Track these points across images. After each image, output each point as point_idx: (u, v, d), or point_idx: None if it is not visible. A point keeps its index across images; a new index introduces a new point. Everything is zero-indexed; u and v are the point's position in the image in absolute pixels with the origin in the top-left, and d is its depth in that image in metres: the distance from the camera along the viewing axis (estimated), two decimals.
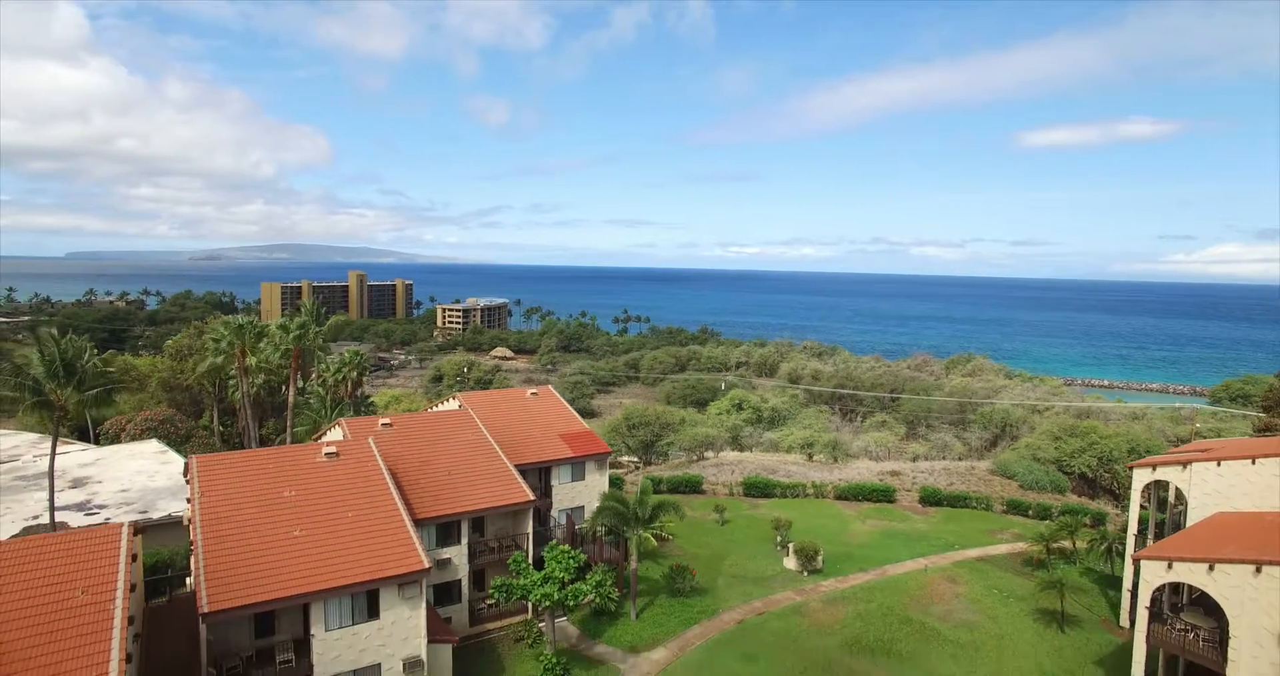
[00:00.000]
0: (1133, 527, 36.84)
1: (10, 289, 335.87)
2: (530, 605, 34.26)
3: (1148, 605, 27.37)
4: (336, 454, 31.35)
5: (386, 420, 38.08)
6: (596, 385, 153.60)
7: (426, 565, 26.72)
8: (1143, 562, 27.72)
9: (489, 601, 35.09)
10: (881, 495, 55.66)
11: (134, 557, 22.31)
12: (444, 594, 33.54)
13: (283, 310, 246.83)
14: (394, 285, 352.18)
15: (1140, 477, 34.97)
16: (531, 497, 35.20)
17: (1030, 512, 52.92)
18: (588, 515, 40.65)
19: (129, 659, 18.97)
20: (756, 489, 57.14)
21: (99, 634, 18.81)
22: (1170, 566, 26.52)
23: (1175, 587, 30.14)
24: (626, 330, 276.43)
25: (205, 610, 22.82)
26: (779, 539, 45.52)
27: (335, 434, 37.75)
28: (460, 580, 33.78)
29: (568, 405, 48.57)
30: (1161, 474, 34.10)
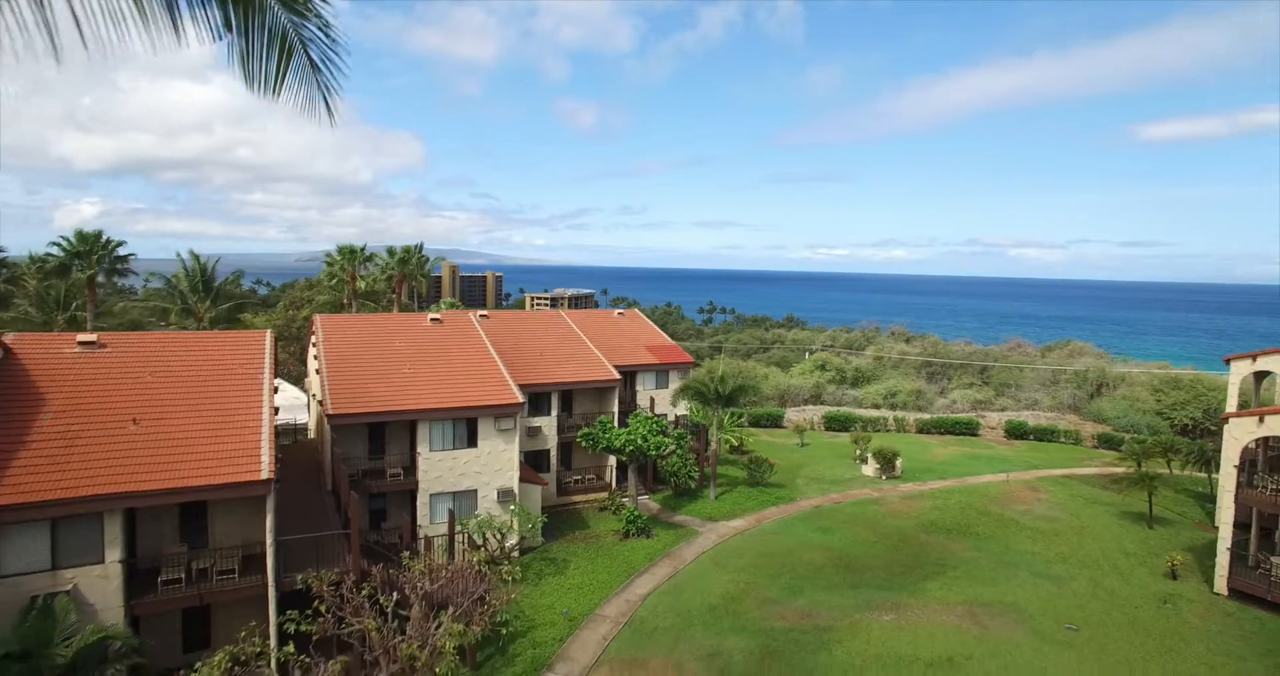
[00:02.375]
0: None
1: (146, 280, 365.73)
2: (612, 471, 36.27)
3: (1235, 464, 26.85)
4: (440, 320, 34.30)
5: (484, 313, 40.97)
6: None
7: (519, 399, 29.11)
8: (1232, 420, 27.25)
9: (575, 478, 37.42)
10: (964, 427, 55.02)
11: (275, 363, 25.47)
12: (534, 461, 35.93)
13: None
14: (484, 277, 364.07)
15: (1239, 369, 33.93)
16: (617, 376, 37.25)
17: (1123, 448, 51.25)
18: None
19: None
20: (837, 422, 57.48)
21: (253, 392, 21.89)
22: (1262, 421, 26.02)
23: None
24: (711, 320, 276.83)
25: (330, 412, 25.88)
26: (858, 452, 45.99)
27: None
28: (549, 450, 36.09)
29: (653, 324, 50.50)
30: (1262, 364, 33.05)
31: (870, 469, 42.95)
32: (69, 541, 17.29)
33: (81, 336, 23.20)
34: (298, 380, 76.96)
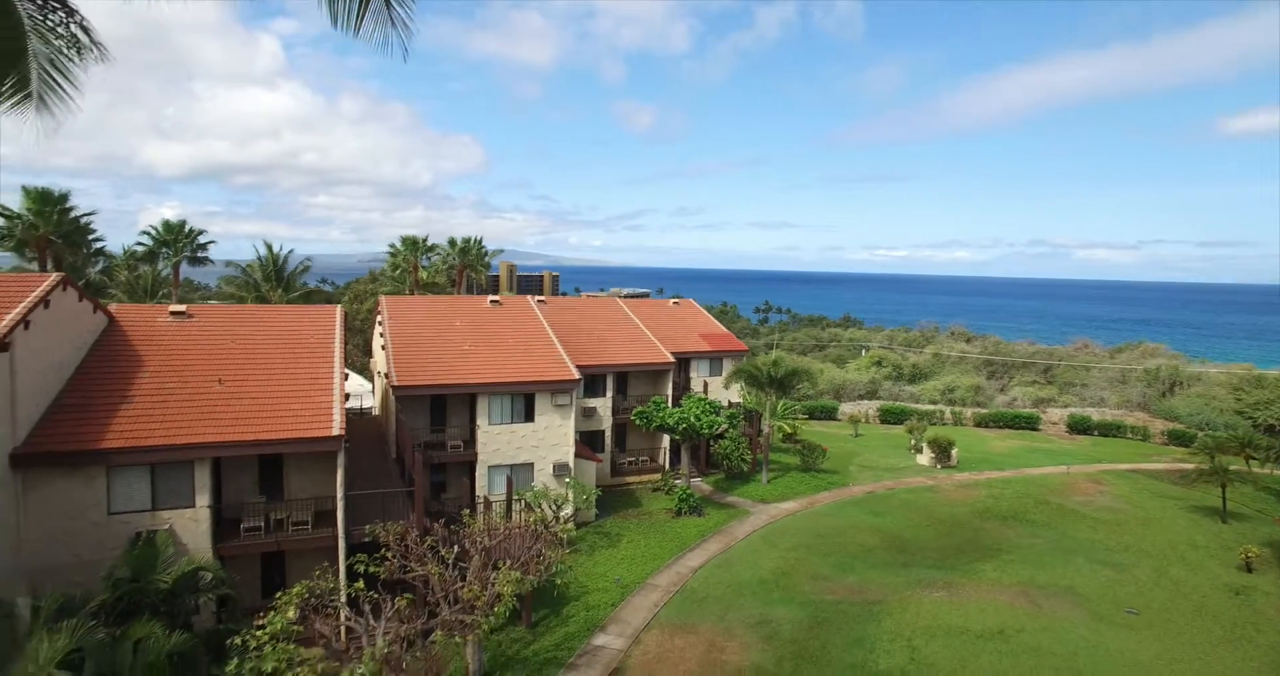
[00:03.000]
0: None
1: (220, 281, 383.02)
2: (666, 453, 36.83)
3: None
4: (499, 303, 35.44)
5: (541, 298, 42.04)
6: None
7: (575, 375, 29.93)
8: None
9: (629, 459, 38.12)
10: (1024, 422, 53.78)
11: (344, 336, 26.85)
12: (589, 442, 36.69)
13: None
14: (541, 276, 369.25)
15: None
16: (671, 359, 37.80)
17: (1195, 444, 49.28)
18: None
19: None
20: (892, 415, 56.86)
21: (325, 360, 23.25)
22: None
23: None
24: (767, 319, 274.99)
25: (395, 384, 27.14)
26: (913, 441, 45.51)
27: None
28: (604, 431, 36.83)
29: (708, 313, 50.90)
30: None
31: (925, 458, 42.49)
32: (165, 486, 18.76)
33: (173, 307, 25.01)
34: (361, 370, 79.99)
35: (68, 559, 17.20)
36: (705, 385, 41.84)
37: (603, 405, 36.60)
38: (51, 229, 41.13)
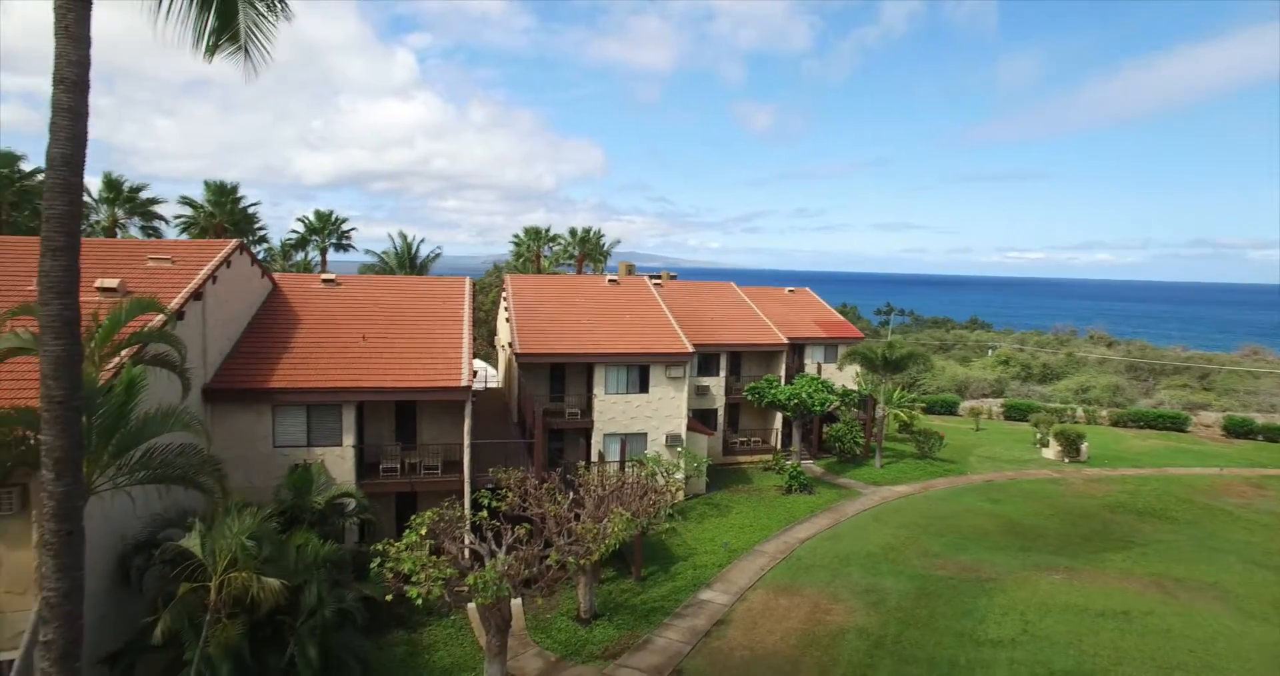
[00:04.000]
0: None
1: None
2: (778, 434, 36.98)
3: None
4: (617, 282, 36.77)
5: (658, 281, 43.11)
6: None
7: (689, 349, 30.72)
8: None
9: (740, 439, 38.54)
10: (1169, 422, 49.80)
11: (473, 304, 28.90)
12: (701, 420, 37.36)
13: None
14: (659, 275, 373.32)
15: None
16: (784, 340, 37.91)
17: None
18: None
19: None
20: (1017, 411, 54.18)
21: (454, 322, 25.24)
22: None
23: None
24: (888, 321, 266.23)
25: (518, 352, 28.88)
26: (1038, 435, 43.24)
27: None
28: (717, 409, 37.40)
29: (823, 301, 50.40)
30: None
31: (1051, 452, 40.36)
32: (318, 426, 21.10)
33: (324, 276, 27.88)
34: (486, 358, 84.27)
35: (242, 483, 19.63)
36: (819, 369, 41.57)
37: (716, 384, 37.16)
38: (225, 217, 46.22)
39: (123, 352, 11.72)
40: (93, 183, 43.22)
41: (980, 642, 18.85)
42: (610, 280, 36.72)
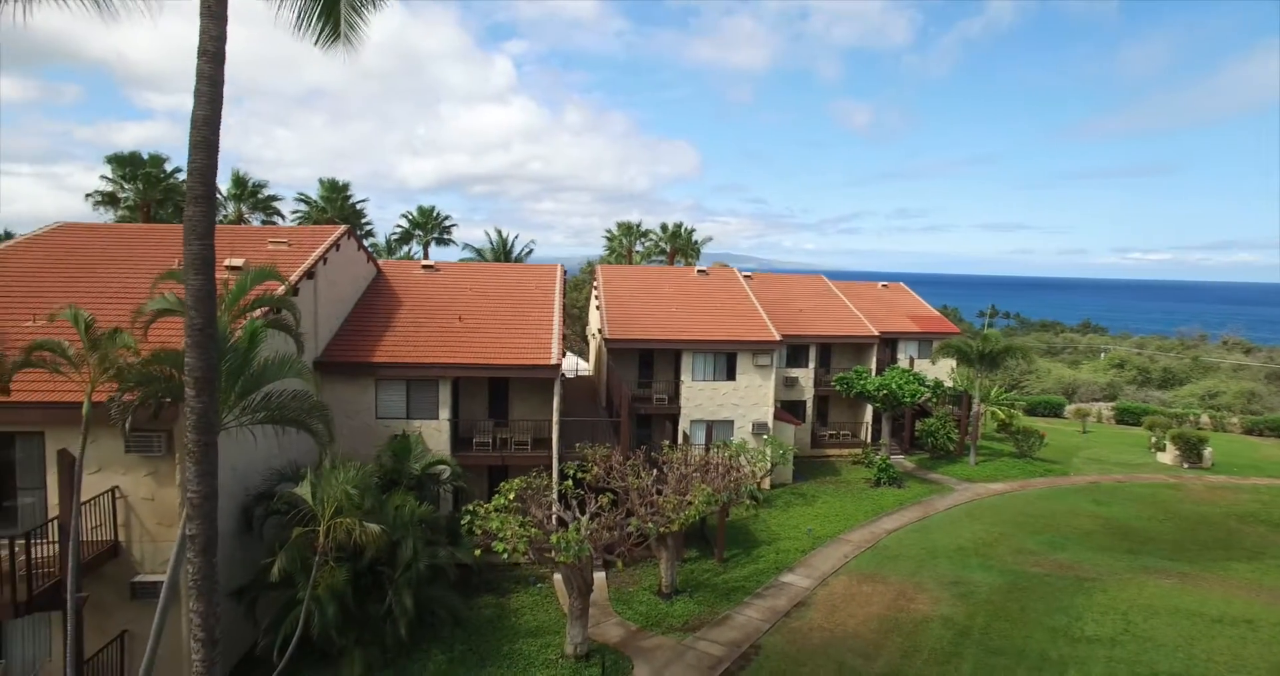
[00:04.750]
0: None
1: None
2: (867, 428, 36.25)
3: None
4: (706, 273, 37.01)
5: (748, 273, 43.06)
6: None
7: (776, 337, 30.61)
8: None
9: (829, 432, 38.01)
10: None
11: (564, 291, 29.83)
12: (790, 411, 37.07)
13: None
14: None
15: None
16: (875, 332, 37.15)
17: None
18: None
19: None
20: (1130, 415, 50.99)
21: (546, 306, 26.16)
22: None
23: None
24: (991, 323, 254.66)
25: (608, 337, 29.57)
26: (1154, 438, 40.57)
27: None
28: (805, 401, 37.02)
29: (918, 296, 48.98)
30: None
31: (1168, 456, 37.82)
32: (417, 399, 22.37)
33: (424, 263, 29.45)
34: (579, 354, 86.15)
35: (347, 451, 21.05)
36: (911, 363, 40.43)
37: (804, 376, 36.81)
38: (336, 212, 49.24)
39: (247, 314, 12.93)
40: (222, 183, 47.09)
41: (1075, 639, 18.03)
42: (699, 271, 37.03)
